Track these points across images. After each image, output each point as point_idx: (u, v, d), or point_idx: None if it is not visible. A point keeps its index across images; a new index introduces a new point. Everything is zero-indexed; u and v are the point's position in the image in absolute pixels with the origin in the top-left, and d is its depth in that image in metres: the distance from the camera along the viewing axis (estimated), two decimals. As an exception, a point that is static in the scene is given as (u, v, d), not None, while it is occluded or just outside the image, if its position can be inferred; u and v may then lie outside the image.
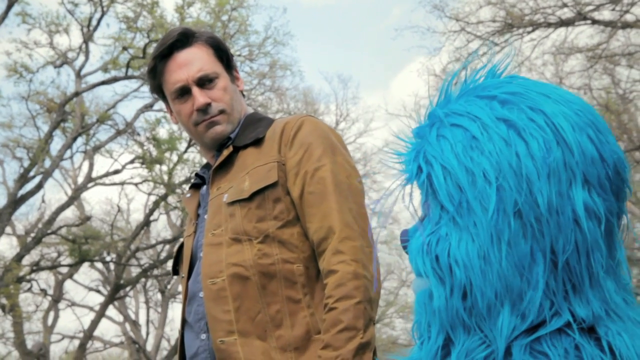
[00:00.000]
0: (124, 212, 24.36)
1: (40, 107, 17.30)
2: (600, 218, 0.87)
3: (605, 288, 0.88)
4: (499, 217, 0.88)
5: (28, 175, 15.92)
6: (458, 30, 16.20)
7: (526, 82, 0.98)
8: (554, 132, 0.88)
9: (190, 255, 2.15)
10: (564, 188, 0.87)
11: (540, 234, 0.86)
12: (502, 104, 0.93)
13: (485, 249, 0.88)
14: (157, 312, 24.62)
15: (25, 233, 18.72)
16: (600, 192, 0.88)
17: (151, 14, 15.81)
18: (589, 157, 0.88)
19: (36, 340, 20.04)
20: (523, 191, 0.87)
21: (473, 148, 0.91)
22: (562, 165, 0.87)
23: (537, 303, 0.86)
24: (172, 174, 17.56)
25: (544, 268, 0.86)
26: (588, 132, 0.89)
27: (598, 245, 0.87)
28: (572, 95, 0.96)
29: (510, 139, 0.89)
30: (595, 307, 0.87)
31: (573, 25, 15.13)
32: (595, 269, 0.87)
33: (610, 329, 0.86)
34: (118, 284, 18.28)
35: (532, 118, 0.90)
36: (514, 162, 0.88)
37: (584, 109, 0.92)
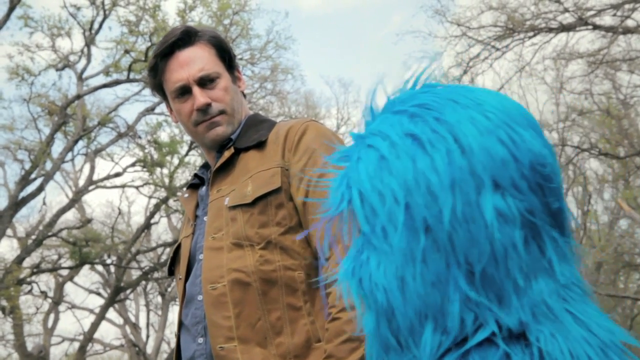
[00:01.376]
0: (125, 214, 24.38)
1: (41, 109, 17.31)
2: (515, 222, 0.85)
3: (535, 291, 0.86)
4: (409, 236, 0.86)
5: (29, 178, 15.93)
6: (459, 35, 16.21)
7: (440, 89, 0.97)
8: (458, 141, 0.87)
9: (188, 257, 2.13)
10: (472, 196, 0.85)
11: (452, 246, 0.85)
12: (410, 118, 0.92)
13: (402, 269, 0.86)
14: (157, 315, 24.61)
15: (26, 235, 18.72)
16: (515, 194, 0.86)
17: (153, 18, 15.83)
18: (499, 161, 0.86)
19: (36, 343, 20.03)
20: (430, 206, 0.85)
21: (382, 168, 0.90)
22: (467, 174, 0.85)
23: (458, 317, 0.85)
24: (173, 177, 17.56)
25: (461, 281, 0.85)
26: (499, 134, 0.87)
27: (516, 250, 0.85)
28: (488, 95, 0.94)
29: (415, 155, 0.88)
30: (522, 313, 0.85)
31: (574, 31, 15.13)
32: (513, 275, 0.85)
33: (543, 333, 0.84)
34: (118, 286, 18.28)
35: (436, 129, 0.89)
36: (420, 178, 0.86)
37: (497, 109, 0.91)
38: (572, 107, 20.89)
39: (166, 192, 17.40)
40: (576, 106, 20.64)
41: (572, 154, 20.30)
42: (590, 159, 22.02)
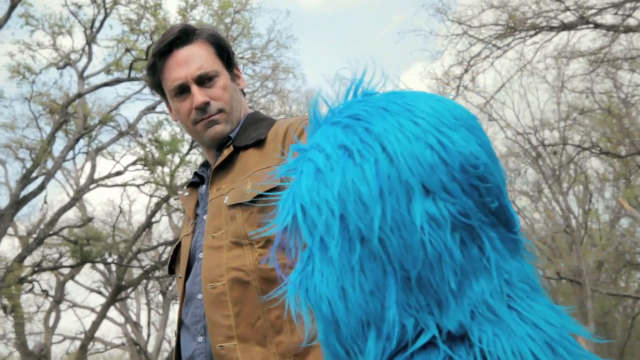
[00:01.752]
0: (126, 213, 24.40)
1: (42, 108, 17.33)
2: (447, 225, 0.86)
3: (475, 292, 0.86)
4: (345, 247, 0.88)
5: (30, 176, 15.94)
6: (460, 33, 16.22)
7: (374, 98, 0.98)
8: (385, 150, 0.88)
9: (188, 256, 2.12)
10: (403, 203, 0.86)
11: (386, 254, 0.86)
12: (343, 129, 0.93)
13: (341, 279, 0.88)
14: (158, 314, 24.63)
15: (27, 234, 18.74)
16: (447, 197, 0.86)
17: (154, 16, 15.84)
18: (427, 166, 0.86)
19: (37, 341, 20.05)
20: (362, 216, 0.87)
21: (319, 181, 0.91)
22: (396, 182, 0.86)
23: (399, 323, 0.86)
24: (174, 176, 17.56)
25: (397, 287, 0.86)
26: (427, 139, 0.88)
27: (450, 253, 0.86)
28: (419, 99, 0.95)
29: (346, 166, 0.89)
30: (462, 315, 0.86)
31: (575, 29, 15.13)
32: (448, 278, 0.85)
33: (486, 333, 0.85)
34: (119, 285, 18.29)
35: (365, 139, 0.90)
36: (351, 189, 0.88)
37: (427, 114, 0.91)
38: (573, 106, 20.89)
39: (167, 190, 17.41)
40: (577, 105, 20.65)
41: (573, 152, 20.31)
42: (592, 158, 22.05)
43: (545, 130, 22.16)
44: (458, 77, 17.01)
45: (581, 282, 20.58)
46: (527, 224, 24.40)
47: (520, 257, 0.93)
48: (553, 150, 20.98)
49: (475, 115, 0.97)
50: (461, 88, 17.45)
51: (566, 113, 21.23)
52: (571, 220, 22.89)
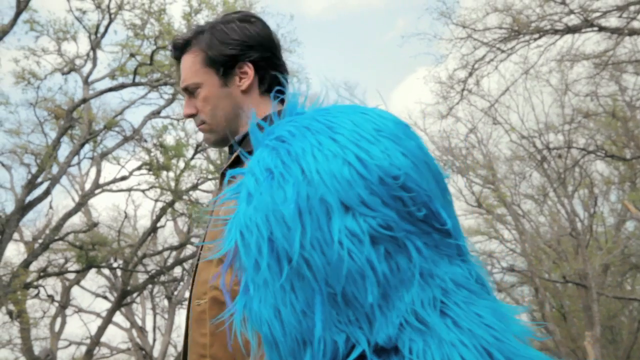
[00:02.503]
0: (131, 218, 24.43)
1: (48, 113, 17.36)
2: (368, 239, 0.86)
3: (405, 302, 0.87)
4: (275, 268, 0.89)
5: (36, 182, 15.97)
6: (465, 37, 16.22)
7: (300, 117, 1.00)
8: (304, 172, 0.89)
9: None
10: (322, 221, 0.87)
11: (311, 272, 0.87)
12: (269, 152, 0.95)
13: (275, 300, 0.89)
14: (163, 319, 24.62)
15: (33, 239, 18.78)
16: (366, 211, 0.87)
17: (158, 21, 15.88)
18: (345, 182, 0.87)
19: (43, 347, 20.07)
20: (287, 237, 0.88)
21: (250, 205, 0.93)
22: (315, 201, 0.87)
23: (330, 339, 0.87)
24: (179, 181, 17.59)
25: (325, 304, 0.87)
26: (345, 156, 0.89)
27: (373, 267, 0.86)
28: (343, 114, 0.96)
29: (271, 189, 0.91)
30: (390, 328, 0.86)
31: (580, 32, 15.12)
32: (373, 292, 0.86)
33: (417, 343, 0.86)
34: (125, 290, 18.31)
35: (285, 162, 0.92)
36: (276, 211, 0.89)
37: (347, 129, 0.93)
38: (578, 109, 20.85)
39: (172, 195, 17.43)
40: (582, 108, 20.61)
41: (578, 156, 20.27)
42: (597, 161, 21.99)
43: (550, 133, 22.13)
44: (462, 80, 17.01)
45: (587, 285, 20.53)
46: (532, 227, 24.36)
47: (461, 261, 0.93)
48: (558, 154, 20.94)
49: (404, 124, 0.98)
50: (465, 92, 17.45)
51: (571, 116, 21.20)
52: (576, 223, 22.85)
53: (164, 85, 16.27)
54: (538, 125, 22.63)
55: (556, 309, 24.51)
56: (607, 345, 24.32)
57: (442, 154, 23.82)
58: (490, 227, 25.93)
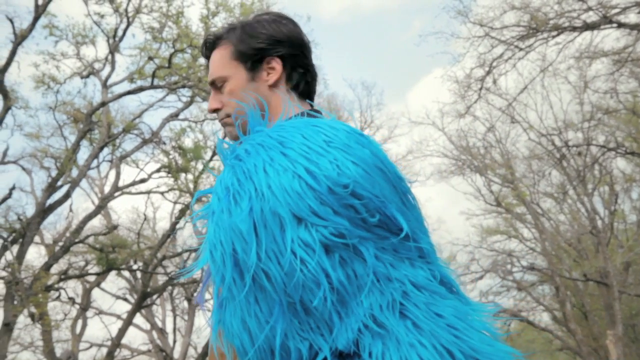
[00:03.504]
0: (150, 220, 24.53)
1: (67, 117, 17.49)
2: (321, 248, 0.88)
3: (364, 307, 0.88)
4: (239, 281, 0.91)
5: (56, 185, 16.08)
6: (482, 35, 16.15)
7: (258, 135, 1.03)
8: (255, 187, 0.92)
9: None
10: (277, 234, 0.89)
11: (271, 284, 0.89)
12: (229, 170, 0.99)
13: (241, 312, 0.92)
14: (183, 320, 24.72)
15: (54, 242, 18.90)
16: (317, 221, 0.89)
17: (176, 24, 15.93)
18: (295, 195, 0.89)
19: (65, 349, 20.21)
20: (246, 251, 0.90)
21: (215, 223, 0.96)
22: (268, 215, 0.89)
23: (294, 348, 0.88)
24: (197, 183, 17.64)
25: (284, 313, 0.88)
26: (295, 169, 0.91)
27: (327, 276, 0.88)
28: (293, 128, 0.98)
29: (229, 206, 0.94)
30: (349, 333, 0.88)
31: (598, 29, 15.01)
32: (329, 300, 0.87)
33: (376, 347, 0.87)
34: (145, 292, 18.39)
35: (240, 179, 0.95)
36: (235, 227, 0.91)
37: (297, 144, 0.94)
38: (597, 106, 20.71)
39: (191, 197, 17.48)
40: (601, 105, 20.47)
41: (597, 153, 20.13)
42: (617, 158, 21.84)
43: (569, 131, 22.00)
44: (480, 79, 16.93)
45: (608, 283, 20.38)
46: (552, 225, 24.22)
47: (423, 262, 0.94)
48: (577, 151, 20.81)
49: (357, 132, 0.99)
50: (483, 90, 17.38)
51: (590, 113, 21.05)
52: (597, 221, 22.69)
53: (182, 88, 16.32)
54: (557, 123, 22.50)
55: (577, 307, 24.35)
56: (630, 344, 24.12)
57: (460, 153, 23.75)
58: (510, 226, 25.80)
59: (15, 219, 15.99)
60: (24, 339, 21.98)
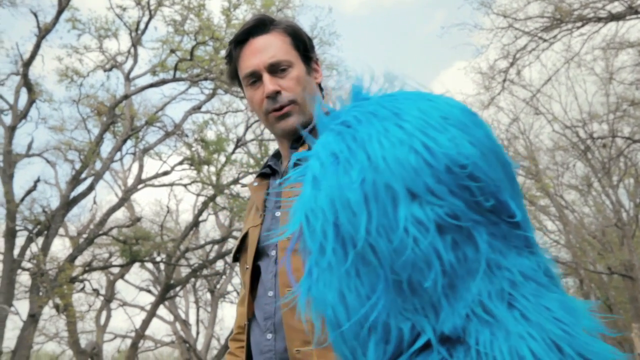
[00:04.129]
0: (173, 213, 24.67)
1: (90, 110, 17.60)
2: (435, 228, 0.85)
3: (471, 293, 0.85)
4: (340, 252, 0.88)
5: (80, 178, 16.20)
6: (506, 27, 16.01)
7: (366, 102, 0.98)
8: (368, 157, 0.88)
9: (257, 248, 2.11)
10: (388, 208, 0.85)
11: (377, 259, 0.86)
12: (335, 136, 0.94)
13: (340, 284, 0.88)
14: (206, 312, 24.86)
15: (78, 234, 19.06)
16: (433, 200, 0.85)
17: (198, 17, 15.96)
18: (411, 170, 0.86)
19: (89, 340, 20.41)
20: (353, 223, 0.87)
21: (316, 189, 0.92)
22: (381, 187, 0.86)
23: (395, 327, 0.86)
24: (220, 175, 17.70)
25: (389, 291, 0.85)
26: (412, 143, 0.87)
27: (439, 256, 0.84)
28: (409, 100, 0.94)
29: (337, 173, 0.89)
30: (457, 317, 0.85)
31: (624, 20, 14.82)
32: (440, 281, 0.84)
33: (483, 335, 0.84)
34: (168, 284, 18.50)
35: (351, 147, 0.90)
36: (342, 196, 0.88)
37: (413, 117, 0.91)
38: (623, 98, 20.48)
39: (214, 189, 17.55)
40: (627, 96, 20.23)
41: (623, 145, 19.92)
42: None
43: (593, 123, 21.79)
44: (503, 70, 16.80)
45: (633, 276, 20.20)
46: (576, 218, 24.03)
47: (529, 253, 0.91)
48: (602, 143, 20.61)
49: (471, 112, 0.95)
50: (507, 82, 17.24)
51: (615, 105, 20.83)
52: (622, 213, 22.48)
53: (204, 81, 16.36)
54: (581, 115, 22.30)
55: (602, 300, 24.17)
56: (655, 337, 23.89)
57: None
58: (534, 219, 25.64)
59: (40, 211, 16.15)
60: (49, 330, 22.24)
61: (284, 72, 2.09)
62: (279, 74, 2.09)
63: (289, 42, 2.13)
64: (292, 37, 2.15)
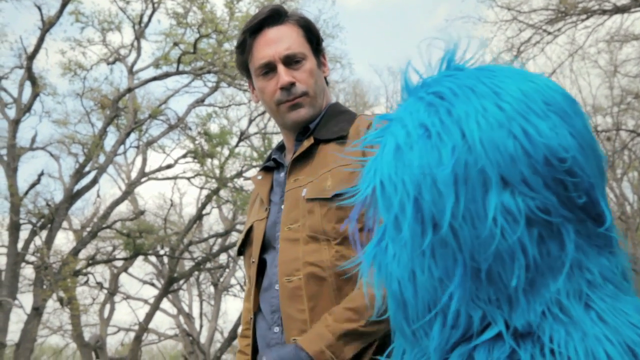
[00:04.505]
0: (177, 206, 24.69)
1: (94, 103, 17.58)
2: (524, 220, 0.81)
3: (550, 291, 0.82)
4: (418, 230, 0.84)
5: (83, 171, 16.20)
6: (510, 19, 15.96)
7: (462, 74, 0.92)
8: (465, 137, 0.83)
9: (262, 242, 2.11)
10: (478, 194, 0.81)
11: (458, 243, 0.82)
12: (426, 107, 0.89)
13: (412, 262, 0.85)
14: (210, 305, 24.88)
15: (81, 227, 19.08)
16: (526, 191, 0.81)
17: (201, 10, 15.92)
18: (508, 157, 0.81)
19: (93, 333, 20.44)
20: (437, 202, 0.83)
21: (397, 159, 0.88)
22: (473, 170, 0.82)
23: (465, 314, 0.83)
24: (223, 168, 17.69)
25: (466, 278, 0.82)
26: (511, 127, 0.83)
27: (524, 250, 0.81)
28: (508, 81, 0.89)
29: (425, 148, 0.85)
30: (532, 313, 0.82)
31: (629, 12, 14.76)
32: (520, 275, 0.81)
33: (558, 333, 0.81)
34: (172, 277, 18.51)
35: (445, 122, 0.85)
36: (427, 172, 0.84)
37: (514, 98, 0.85)
38: (627, 91, 20.42)
39: (217, 183, 17.54)
40: (631, 89, 20.17)
41: (627, 138, 19.87)
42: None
43: (597, 115, 21.73)
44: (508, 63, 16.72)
45: (637, 270, 20.18)
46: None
47: (609, 253, 0.87)
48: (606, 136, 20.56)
49: (572, 99, 0.89)
50: (511, 75, 17.16)
51: (620, 98, 20.77)
52: (626, 207, 22.44)
53: (207, 74, 16.33)
54: (585, 108, 22.23)
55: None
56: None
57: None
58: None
59: (44, 205, 16.15)
60: (53, 323, 22.28)
61: (298, 64, 2.09)
62: (294, 66, 2.08)
63: (302, 34, 2.13)
64: (305, 30, 2.14)
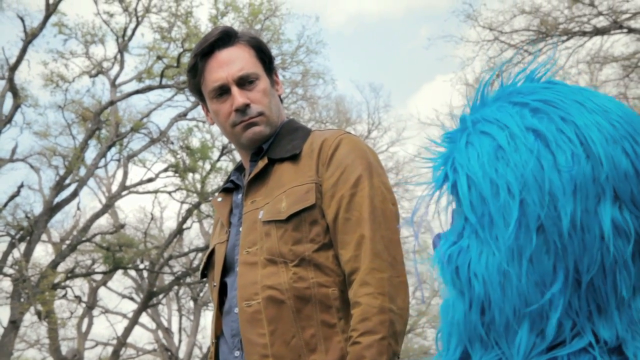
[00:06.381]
0: (157, 220, 24.56)
1: (75, 116, 17.52)
2: (629, 237, 0.82)
3: (635, 309, 0.83)
4: (520, 232, 0.84)
5: (63, 184, 16.12)
6: (492, 39, 16.11)
7: (563, 88, 0.94)
8: (584, 145, 0.84)
9: (223, 265, 2.10)
10: (591, 204, 0.82)
11: (563, 251, 0.82)
12: (533, 113, 0.89)
13: (506, 264, 0.84)
14: (189, 320, 24.73)
15: (61, 240, 18.94)
16: (632, 209, 0.82)
17: (185, 24, 15.95)
18: (622, 172, 0.83)
19: (71, 347, 20.24)
20: (546, 206, 0.82)
21: (499, 159, 0.87)
22: (590, 181, 0.82)
23: (558, 322, 0.82)
24: (204, 183, 17.66)
25: (567, 287, 0.82)
26: (624, 145, 0.84)
27: (626, 265, 0.82)
28: (612, 102, 0.90)
29: (537, 151, 0.85)
30: (621, 328, 0.82)
31: (608, 34, 14.96)
32: (620, 290, 0.82)
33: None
34: (151, 291, 18.40)
35: (562, 129, 0.85)
36: (539, 175, 0.84)
37: (622, 119, 0.87)
38: (607, 111, 20.62)
39: (198, 197, 17.51)
40: (611, 110, 20.37)
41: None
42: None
43: None
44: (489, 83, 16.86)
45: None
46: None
47: None
48: (586, 156, 20.74)
49: None
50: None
51: (599, 118, 20.97)
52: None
53: (190, 88, 16.32)
54: (566, 128, 22.42)
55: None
56: None
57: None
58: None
59: (23, 217, 16.03)
60: (30, 337, 22.06)
61: (252, 84, 2.09)
62: (247, 87, 2.08)
63: (254, 54, 2.13)
64: (257, 50, 2.15)
